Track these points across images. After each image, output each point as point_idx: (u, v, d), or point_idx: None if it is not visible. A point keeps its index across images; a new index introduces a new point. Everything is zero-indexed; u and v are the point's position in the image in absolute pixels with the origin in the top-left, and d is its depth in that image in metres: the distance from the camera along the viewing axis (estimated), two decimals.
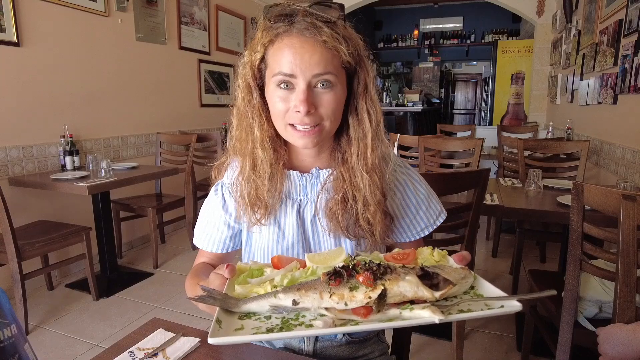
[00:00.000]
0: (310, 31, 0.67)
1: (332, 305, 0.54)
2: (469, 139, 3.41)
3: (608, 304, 1.32)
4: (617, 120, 2.69)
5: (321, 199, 0.80)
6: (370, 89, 0.76)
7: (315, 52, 0.68)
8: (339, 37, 0.69)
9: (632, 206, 1.06)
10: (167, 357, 0.70)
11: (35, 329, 2.14)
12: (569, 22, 4.14)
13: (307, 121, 0.70)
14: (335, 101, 0.72)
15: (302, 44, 0.68)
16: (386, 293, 0.54)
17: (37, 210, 2.59)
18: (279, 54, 0.70)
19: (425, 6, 9.19)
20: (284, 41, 0.69)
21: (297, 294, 0.56)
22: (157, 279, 2.75)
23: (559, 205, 1.76)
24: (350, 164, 0.77)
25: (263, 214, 0.79)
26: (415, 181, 0.86)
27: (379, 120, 0.77)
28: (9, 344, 0.44)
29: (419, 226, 0.86)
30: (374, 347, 0.91)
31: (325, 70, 0.69)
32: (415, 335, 2.02)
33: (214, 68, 4.24)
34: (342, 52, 0.69)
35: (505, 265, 2.97)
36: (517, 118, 6.17)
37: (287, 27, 0.69)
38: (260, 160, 0.77)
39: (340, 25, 0.71)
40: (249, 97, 0.77)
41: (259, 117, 0.76)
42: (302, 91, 0.69)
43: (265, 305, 0.57)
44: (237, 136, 0.80)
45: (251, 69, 0.75)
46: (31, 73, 2.53)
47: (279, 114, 0.73)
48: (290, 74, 0.69)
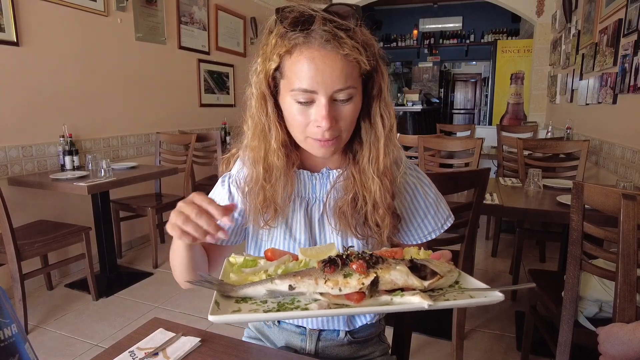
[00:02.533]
0: (332, 44, 0.64)
1: (326, 291, 0.57)
2: (468, 139, 3.41)
3: (608, 304, 1.32)
4: (616, 120, 2.69)
5: (330, 199, 0.80)
6: (385, 92, 0.74)
7: (337, 66, 0.65)
8: (359, 47, 0.66)
9: (632, 205, 1.06)
10: (168, 356, 0.70)
11: (35, 328, 2.14)
12: (568, 21, 4.15)
13: (328, 135, 0.69)
14: (354, 112, 0.71)
15: (324, 58, 0.65)
16: (378, 280, 0.57)
17: (36, 210, 2.59)
18: (297, 67, 0.66)
19: (424, 6, 9.19)
20: (304, 53, 0.66)
21: (294, 280, 0.58)
22: (156, 279, 2.75)
23: (559, 205, 1.76)
24: (361, 166, 0.76)
25: (272, 217, 0.79)
26: (425, 185, 0.85)
27: (392, 124, 0.75)
28: (9, 344, 0.44)
29: (426, 229, 0.86)
30: (375, 347, 0.91)
31: (346, 84, 0.66)
32: (416, 335, 2.02)
33: (213, 68, 4.24)
34: (363, 62, 0.67)
35: (505, 265, 2.97)
36: (517, 118, 6.18)
37: (305, 37, 0.65)
38: (276, 168, 0.76)
39: (359, 31, 0.68)
40: (264, 106, 0.74)
41: (275, 127, 0.74)
42: (324, 106, 0.67)
43: (262, 290, 0.59)
44: (252, 146, 0.77)
45: (265, 78, 0.72)
46: (30, 73, 2.53)
47: (298, 126, 0.71)
48: (311, 90, 0.66)
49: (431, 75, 9.64)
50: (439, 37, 9.55)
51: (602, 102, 2.91)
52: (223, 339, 0.76)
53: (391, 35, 9.79)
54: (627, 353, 0.86)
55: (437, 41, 9.55)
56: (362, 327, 0.87)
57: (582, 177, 2.51)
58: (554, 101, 4.79)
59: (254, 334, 0.95)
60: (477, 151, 2.66)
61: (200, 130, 3.96)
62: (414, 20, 9.42)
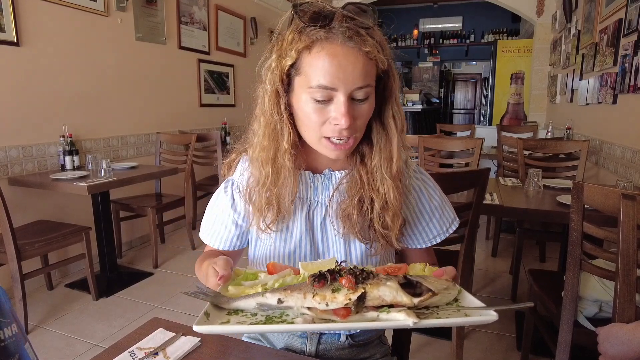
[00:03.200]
0: (355, 40, 0.63)
1: (314, 305, 0.57)
2: (468, 139, 3.41)
3: (608, 304, 1.32)
4: (616, 120, 2.69)
5: (333, 201, 0.78)
6: (397, 93, 0.73)
7: (358, 63, 0.64)
8: (378, 46, 0.66)
9: (632, 205, 1.06)
10: (168, 356, 0.70)
11: (35, 328, 2.14)
12: (568, 21, 4.15)
13: (346, 134, 0.68)
14: (369, 112, 0.70)
15: (346, 54, 0.63)
16: (365, 296, 0.56)
17: (36, 210, 2.59)
18: (318, 63, 0.64)
19: (424, 6, 9.18)
20: (325, 49, 0.64)
21: (283, 294, 0.59)
22: (157, 279, 2.75)
23: (559, 205, 1.76)
24: (370, 167, 0.75)
25: (274, 220, 0.77)
26: (430, 188, 0.84)
27: (403, 125, 0.74)
28: (10, 344, 0.44)
29: (431, 233, 0.84)
30: (376, 349, 0.91)
31: (365, 82, 0.65)
32: (416, 335, 2.02)
33: (213, 68, 4.24)
34: (381, 61, 0.67)
35: (505, 265, 2.97)
36: (517, 118, 6.18)
37: (326, 32, 0.64)
38: (285, 170, 0.74)
39: (377, 31, 0.67)
40: (277, 104, 0.71)
41: (287, 126, 0.72)
42: (343, 104, 0.65)
43: (253, 303, 0.60)
44: (262, 146, 0.75)
45: (280, 75, 0.69)
46: (31, 73, 2.53)
47: (314, 125, 0.69)
48: (331, 87, 0.64)
49: (431, 75, 9.64)
50: (439, 37, 9.55)
51: (602, 102, 2.91)
52: (223, 339, 0.76)
53: (391, 35, 9.78)
54: (626, 353, 0.86)
55: (437, 41, 9.55)
56: (363, 332, 0.87)
57: (582, 177, 2.51)
58: (554, 101, 4.79)
59: (254, 334, 0.95)
60: (477, 151, 2.66)
61: (200, 130, 3.96)
62: (414, 20, 9.42)
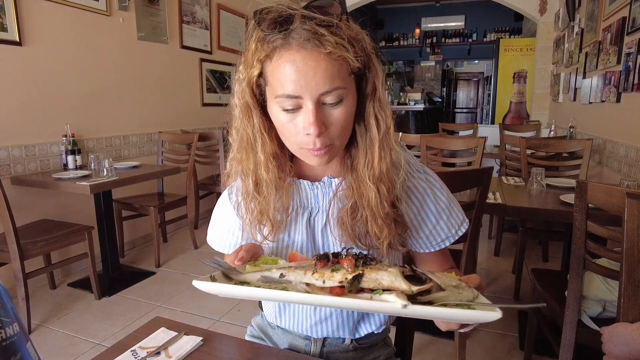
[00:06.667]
0: (312, 42, 0.59)
1: (312, 282, 0.59)
2: (471, 138, 3.40)
3: (612, 303, 1.32)
4: (620, 119, 2.68)
5: (333, 208, 0.75)
6: (379, 90, 0.68)
7: (320, 67, 0.60)
8: (344, 43, 0.61)
9: (637, 204, 1.05)
10: (170, 356, 0.70)
11: (38, 327, 2.15)
12: (571, 20, 4.13)
13: (319, 143, 0.64)
14: (345, 115, 0.65)
15: (305, 59, 0.60)
16: (361, 277, 0.57)
17: (39, 209, 2.60)
18: (279, 72, 0.62)
19: (426, 5, 9.17)
20: (283, 57, 0.61)
21: (286, 270, 0.62)
22: (159, 278, 2.75)
23: (562, 204, 1.76)
24: (358, 173, 0.71)
25: (270, 231, 0.76)
26: (436, 188, 0.78)
27: (388, 125, 0.69)
28: (11, 343, 0.44)
29: (439, 237, 0.79)
30: (380, 351, 0.90)
31: (332, 86, 0.61)
32: (418, 334, 2.01)
33: (215, 67, 4.24)
34: (350, 59, 0.61)
35: (507, 264, 2.97)
36: (519, 117, 6.16)
37: (284, 38, 0.60)
38: (265, 182, 0.72)
39: (344, 26, 0.62)
40: (249, 117, 0.69)
41: (262, 137, 0.70)
42: (311, 112, 0.62)
43: (257, 276, 0.63)
44: (238, 158, 0.73)
45: (249, 86, 0.67)
46: (33, 72, 2.53)
47: (289, 135, 0.67)
48: (295, 95, 0.61)
49: (433, 74, 9.63)
50: (441, 36, 9.54)
51: (606, 100, 2.89)
52: (225, 338, 0.76)
53: (393, 34, 9.77)
54: (631, 353, 0.85)
55: (439, 40, 9.53)
56: (368, 335, 0.86)
57: (585, 176, 2.50)
58: (557, 100, 4.77)
59: (256, 332, 0.95)
60: (480, 150, 2.65)
61: (202, 129, 3.96)
62: (416, 19, 9.41)
